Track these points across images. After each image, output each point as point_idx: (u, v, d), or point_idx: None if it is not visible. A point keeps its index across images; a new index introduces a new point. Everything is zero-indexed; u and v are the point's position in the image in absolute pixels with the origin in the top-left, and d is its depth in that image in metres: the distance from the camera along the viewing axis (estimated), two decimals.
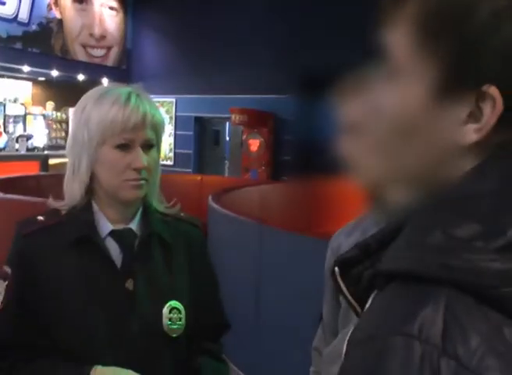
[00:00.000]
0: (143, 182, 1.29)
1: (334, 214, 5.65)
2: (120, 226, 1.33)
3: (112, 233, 1.32)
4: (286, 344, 3.10)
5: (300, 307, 2.75)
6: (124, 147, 1.26)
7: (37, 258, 1.29)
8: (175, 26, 11.86)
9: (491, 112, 0.55)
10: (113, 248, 1.32)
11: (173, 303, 1.32)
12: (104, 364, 1.25)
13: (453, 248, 0.51)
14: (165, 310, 1.31)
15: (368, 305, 0.60)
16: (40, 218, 1.33)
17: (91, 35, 12.08)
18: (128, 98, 1.26)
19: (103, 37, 12.34)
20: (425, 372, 0.46)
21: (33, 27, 11.04)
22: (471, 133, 0.56)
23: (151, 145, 1.30)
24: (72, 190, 1.31)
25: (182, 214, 1.45)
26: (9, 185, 5.87)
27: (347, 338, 0.55)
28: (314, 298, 1.54)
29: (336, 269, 0.63)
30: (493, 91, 0.54)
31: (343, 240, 1.32)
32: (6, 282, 1.29)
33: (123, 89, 1.29)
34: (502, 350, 0.47)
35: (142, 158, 1.27)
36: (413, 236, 0.55)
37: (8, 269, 1.30)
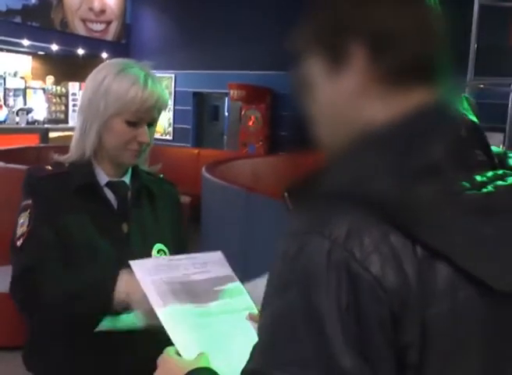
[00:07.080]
0: (141, 152, 1.52)
1: None
2: (115, 179, 1.55)
3: (108, 184, 1.54)
4: None
5: None
6: (134, 123, 1.46)
7: (49, 197, 1.47)
8: (174, 1, 11.89)
9: (357, 57, 0.74)
10: (109, 196, 1.53)
11: (160, 246, 1.55)
12: None
13: (371, 174, 0.68)
14: (154, 251, 1.53)
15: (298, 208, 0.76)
16: (49, 167, 1.53)
17: (91, 9, 12.09)
18: (145, 81, 1.44)
19: (102, 11, 12.34)
20: (330, 261, 0.64)
21: (33, 1, 11.04)
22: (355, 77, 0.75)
23: (153, 123, 1.51)
24: (80, 146, 1.50)
25: (161, 175, 1.70)
26: (11, 156, 6.02)
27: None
28: None
29: (286, 193, 0.79)
30: (351, 42, 0.74)
31: None
32: (28, 210, 1.46)
33: (139, 70, 1.47)
34: (385, 250, 0.64)
35: (147, 135, 1.48)
36: (343, 164, 0.72)
37: (28, 201, 1.47)
